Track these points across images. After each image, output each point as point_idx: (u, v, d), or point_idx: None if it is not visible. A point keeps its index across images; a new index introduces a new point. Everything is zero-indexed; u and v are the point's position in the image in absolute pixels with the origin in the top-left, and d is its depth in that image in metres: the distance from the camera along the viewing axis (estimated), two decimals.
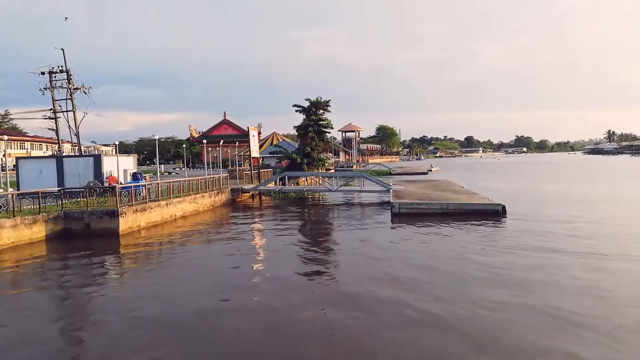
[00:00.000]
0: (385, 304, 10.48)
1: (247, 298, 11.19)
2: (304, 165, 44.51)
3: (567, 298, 10.56)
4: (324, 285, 12.45)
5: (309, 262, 15.20)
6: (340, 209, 29.86)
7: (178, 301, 11.07)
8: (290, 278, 13.05)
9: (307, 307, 10.55)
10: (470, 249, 15.80)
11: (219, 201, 31.07)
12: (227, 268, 14.52)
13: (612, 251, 15.04)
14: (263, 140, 71.41)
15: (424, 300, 10.64)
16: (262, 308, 10.48)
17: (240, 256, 16.19)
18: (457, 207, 24.29)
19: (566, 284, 11.63)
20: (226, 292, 11.81)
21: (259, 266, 14.97)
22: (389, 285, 11.87)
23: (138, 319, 10.00)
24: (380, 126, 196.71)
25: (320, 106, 47.59)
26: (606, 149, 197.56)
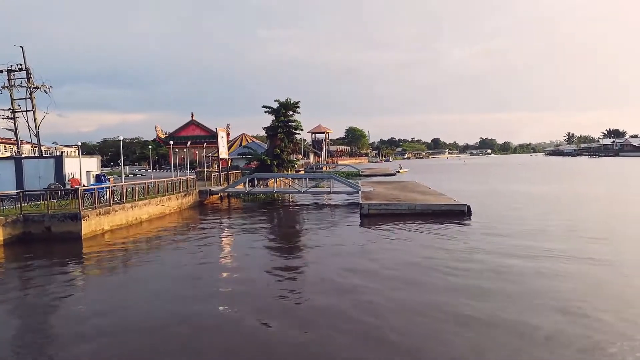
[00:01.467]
0: (347, 317, 10.47)
1: (213, 305, 10.79)
2: (273, 166, 44.36)
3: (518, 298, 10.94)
4: (291, 292, 12.11)
5: (277, 267, 15.00)
6: (310, 211, 29.91)
7: (142, 309, 10.76)
8: (258, 283, 12.73)
9: (274, 316, 10.28)
10: (436, 250, 16.15)
11: (186, 203, 30.59)
12: (194, 273, 14.14)
13: (567, 251, 15.52)
14: (232, 141, 70.66)
15: (385, 306, 10.76)
16: (228, 314, 10.28)
17: (208, 260, 15.99)
18: (424, 208, 24.75)
19: (518, 286, 12.03)
20: (192, 299, 11.39)
21: (226, 271, 14.82)
22: (355, 293, 11.67)
23: (98, 327, 9.66)
24: (349, 128, 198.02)
25: (290, 107, 47.56)
26: (566, 150, 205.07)
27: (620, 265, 13.40)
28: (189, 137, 56.14)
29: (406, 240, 18.28)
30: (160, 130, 65.33)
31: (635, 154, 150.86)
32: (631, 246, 16.41)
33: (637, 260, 14.26)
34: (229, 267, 15.24)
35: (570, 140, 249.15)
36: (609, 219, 22.77)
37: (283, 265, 15.08)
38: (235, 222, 25.43)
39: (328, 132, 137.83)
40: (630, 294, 10.96)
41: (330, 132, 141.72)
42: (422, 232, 19.78)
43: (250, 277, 13.42)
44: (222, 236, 21.42)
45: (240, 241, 19.62)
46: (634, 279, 12.25)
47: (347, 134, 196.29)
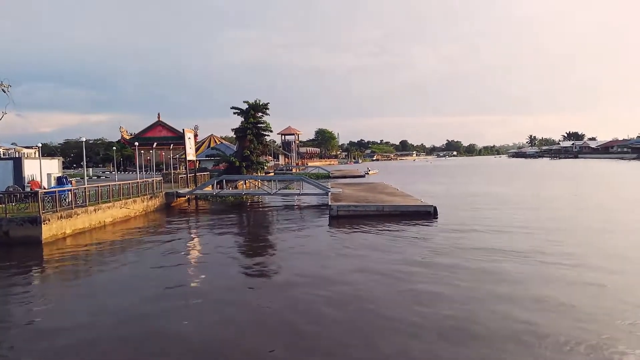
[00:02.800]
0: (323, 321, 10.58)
1: (179, 314, 10.40)
2: (242, 168, 43.95)
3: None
4: (259, 298, 11.83)
5: (245, 270, 14.94)
6: (279, 213, 29.85)
7: (104, 317, 10.35)
8: (225, 289, 12.38)
9: (242, 325, 10.14)
10: (403, 251, 16.45)
11: (152, 206, 29.98)
12: (160, 279, 13.70)
13: (526, 252, 16.03)
14: (200, 142, 69.66)
15: (347, 309, 10.90)
16: (195, 323, 9.95)
17: (175, 265, 15.67)
18: (392, 209, 25.11)
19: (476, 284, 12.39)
20: (158, 307, 11.00)
21: (193, 277, 14.52)
22: (325, 298, 11.69)
23: (60, 336, 9.35)
24: (319, 130, 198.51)
25: (259, 109, 47.23)
26: (528, 152, 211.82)
27: (582, 262, 13.97)
28: (155, 138, 55.05)
29: (375, 240, 18.49)
30: (125, 131, 63.75)
31: (593, 155, 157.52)
32: (591, 246, 17.09)
33: (598, 260, 14.85)
34: (196, 272, 14.99)
35: (532, 143, 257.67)
36: (571, 218, 23.69)
37: (251, 268, 15.04)
38: (203, 225, 25.11)
39: (298, 134, 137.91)
40: (585, 292, 11.43)
41: (300, 133, 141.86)
42: (389, 233, 20.07)
43: (219, 282, 13.22)
44: (190, 239, 21.11)
45: (209, 244, 19.39)
46: (593, 273, 12.78)
47: (316, 135, 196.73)
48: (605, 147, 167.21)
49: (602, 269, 13.35)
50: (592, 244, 17.29)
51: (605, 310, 9.86)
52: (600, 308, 10.04)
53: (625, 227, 20.80)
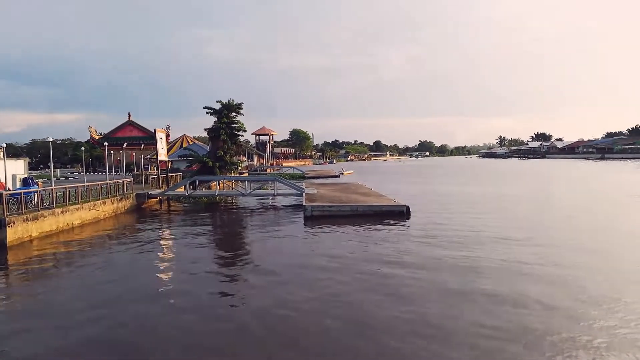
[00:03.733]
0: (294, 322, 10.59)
1: (149, 322, 10.10)
2: (216, 168, 43.47)
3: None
4: (232, 303, 11.69)
5: (217, 274, 14.72)
6: (254, 213, 29.68)
7: (72, 324, 10.07)
8: (194, 295, 12.02)
9: (212, 332, 9.85)
10: (376, 250, 16.63)
11: (123, 208, 29.35)
12: (128, 283, 13.40)
13: (493, 255, 16.24)
14: (172, 142, 68.64)
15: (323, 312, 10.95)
16: (166, 332, 9.69)
17: (144, 268, 15.39)
18: (366, 209, 25.30)
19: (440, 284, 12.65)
20: (127, 314, 10.75)
21: (162, 280, 14.25)
22: (298, 302, 11.71)
23: (27, 346, 9.09)
24: (294, 130, 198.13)
25: (232, 109, 46.82)
26: (498, 153, 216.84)
27: (550, 260, 14.40)
28: (125, 138, 53.96)
29: (347, 241, 18.59)
30: (94, 131, 62.29)
31: (560, 156, 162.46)
32: (558, 245, 17.64)
33: (566, 259, 15.33)
34: (166, 276, 14.70)
35: (501, 143, 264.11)
36: (538, 217, 24.38)
37: (223, 271, 14.92)
38: (175, 227, 24.74)
39: (272, 134, 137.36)
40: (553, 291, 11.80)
41: (274, 134, 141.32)
42: (363, 233, 20.25)
43: (188, 287, 12.92)
44: (161, 241, 20.75)
45: (180, 246, 19.08)
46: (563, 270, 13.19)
47: (291, 136, 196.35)
48: (572, 148, 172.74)
49: (569, 265, 13.81)
50: (555, 241, 17.83)
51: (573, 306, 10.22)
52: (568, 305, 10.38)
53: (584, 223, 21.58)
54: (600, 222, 22.70)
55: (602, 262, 14.30)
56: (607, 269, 13.42)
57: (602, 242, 17.61)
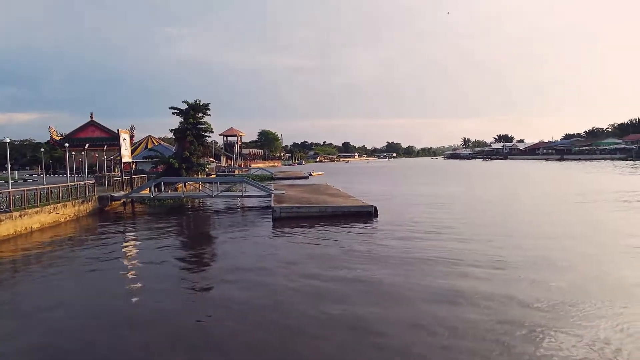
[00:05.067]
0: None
1: (114, 333, 9.65)
2: (182, 170, 42.77)
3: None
4: (192, 312, 11.22)
5: (183, 278, 14.40)
6: (221, 215, 29.36)
7: (28, 331, 9.77)
8: (158, 302, 11.62)
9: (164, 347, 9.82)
10: (343, 251, 16.77)
11: (84, 210, 28.47)
12: (88, 290, 12.93)
13: (462, 256, 16.61)
14: (137, 143, 66.98)
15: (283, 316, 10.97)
16: (123, 340, 9.49)
17: (106, 273, 14.89)
18: (334, 210, 25.44)
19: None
20: (91, 322, 10.44)
21: (125, 288, 13.71)
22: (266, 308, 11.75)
23: None
24: (262, 131, 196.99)
25: (199, 109, 46.22)
26: (462, 154, 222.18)
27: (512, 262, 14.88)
28: (87, 139, 52.38)
29: (315, 243, 18.66)
30: (54, 131, 60.13)
31: (521, 157, 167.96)
32: (518, 243, 18.23)
33: (525, 259, 15.85)
34: (129, 282, 14.28)
35: (466, 145, 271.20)
36: (501, 216, 25.14)
37: (188, 275, 14.71)
38: (139, 230, 24.19)
39: (240, 135, 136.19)
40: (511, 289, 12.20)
41: (242, 135, 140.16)
42: (331, 234, 20.37)
43: (152, 295, 12.56)
44: (124, 245, 20.24)
45: (144, 250, 18.63)
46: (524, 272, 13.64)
47: (260, 137, 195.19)
48: (532, 149, 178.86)
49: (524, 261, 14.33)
50: (514, 242, 18.45)
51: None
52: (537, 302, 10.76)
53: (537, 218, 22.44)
54: (562, 224, 23.60)
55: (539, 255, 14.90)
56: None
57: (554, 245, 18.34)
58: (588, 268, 13.74)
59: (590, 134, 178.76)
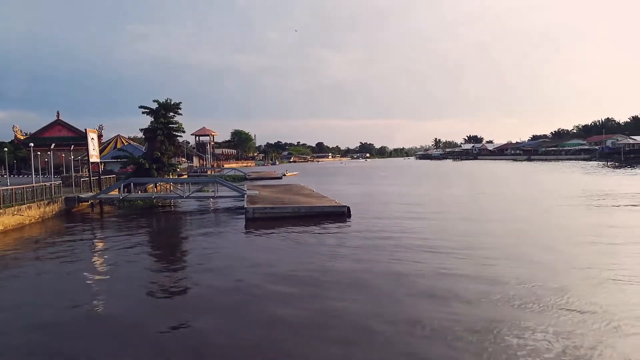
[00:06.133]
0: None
1: (72, 337, 9.45)
2: (152, 170, 41.88)
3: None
4: (162, 318, 10.79)
5: (152, 283, 13.94)
6: (193, 217, 28.96)
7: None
8: (126, 309, 11.19)
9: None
10: (316, 251, 16.86)
11: (51, 212, 27.59)
12: (54, 297, 12.44)
13: (430, 260, 17.06)
14: (105, 143, 65.39)
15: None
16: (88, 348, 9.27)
17: (72, 278, 14.41)
18: (307, 210, 25.44)
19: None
20: (47, 330, 10.15)
21: (92, 293, 13.30)
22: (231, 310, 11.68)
23: None
24: (235, 131, 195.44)
25: (170, 109, 45.34)
26: (434, 154, 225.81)
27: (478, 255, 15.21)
28: (53, 138, 50.75)
29: (288, 243, 18.68)
30: (19, 130, 58.08)
31: (490, 157, 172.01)
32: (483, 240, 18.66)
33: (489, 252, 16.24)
34: (96, 287, 13.78)
35: (437, 145, 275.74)
36: (470, 215, 25.68)
37: (158, 279, 14.39)
38: (108, 232, 23.62)
39: (213, 135, 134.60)
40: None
41: (215, 134, 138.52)
42: (304, 234, 20.42)
43: (119, 301, 12.21)
44: (92, 248, 19.71)
45: (113, 254, 18.17)
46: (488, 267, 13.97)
47: (233, 137, 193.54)
48: (501, 150, 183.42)
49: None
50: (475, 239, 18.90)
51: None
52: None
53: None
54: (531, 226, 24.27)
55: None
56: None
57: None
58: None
59: (556, 135, 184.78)
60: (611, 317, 9.36)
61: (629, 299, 10.62)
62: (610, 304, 10.20)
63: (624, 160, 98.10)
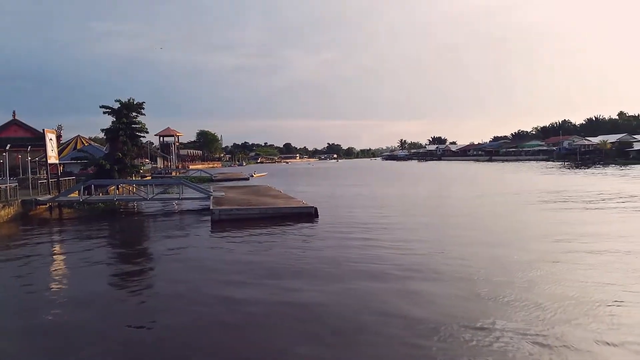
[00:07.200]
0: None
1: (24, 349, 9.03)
2: (114, 172, 40.76)
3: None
4: (124, 325, 10.84)
5: (113, 289, 13.51)
6: (157, 219, 28.33)
7: None
8: (86, 317, 10.88)
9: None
10: (281, 252, 16.79)
11: (6, 216, 26.38)
12: (8, 304, 12.02)
13: (391, 264, 17.23)
14: (64, 144, 63.11)
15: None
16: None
17: (28, 284, 13.86)
18: (274, 211, 25.33)
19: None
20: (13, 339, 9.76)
21: (49, 301, 12.88)
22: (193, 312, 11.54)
23: None
24: (201, 131, 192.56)
25: (133, 108, 44.32)
26: (399, 155, 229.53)
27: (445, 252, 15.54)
28: (9, 139, 48.53)
29: (254, 245, 18.53)
30: None
31: (454, 158, 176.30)
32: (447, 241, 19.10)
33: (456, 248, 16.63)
34: (54, 294, 13.26)
35: (402, 146, 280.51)
36: (436, 214, 26.23)
37: (121, 284, 13.95)
38: (67, 236, 22.81)
39: (178, 136, 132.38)
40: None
41: (180, 135, 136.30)
42: (271, 235, 20.31)
43: (79, 310, 11.77)
44: (50, 253, 18.96)
45: (72, 258, 17.50)
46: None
47: (198, 137, 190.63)
48: (464, 150, 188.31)
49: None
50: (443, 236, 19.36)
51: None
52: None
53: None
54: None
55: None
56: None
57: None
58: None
59: (516, 136, 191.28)
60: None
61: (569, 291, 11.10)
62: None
63: (580, 160, 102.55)
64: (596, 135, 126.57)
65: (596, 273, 12.69)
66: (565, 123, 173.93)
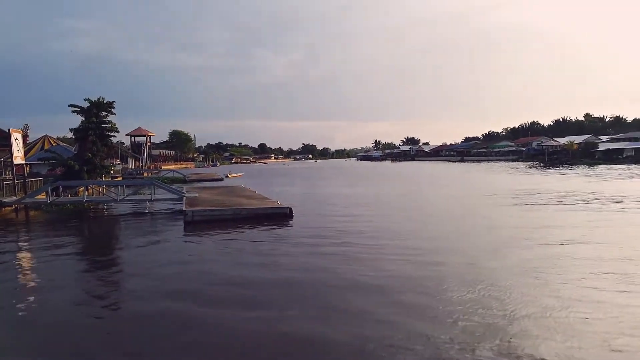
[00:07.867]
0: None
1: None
2: (83, 172, 39.74)
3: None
4: (94, 331, 10.91)
5: (83, 293, 13.03)
6: (128, 221, 27.74)
7: None
8: (54, 324, 10.95)
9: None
10: (257, 252, 16.71)
11: None
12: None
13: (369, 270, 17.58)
14: (31, 144, 61.23)
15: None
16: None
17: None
18: (249, 212, 25.17)
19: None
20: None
21: (16, 306, 12.72)
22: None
23: None
24: (173, 131, 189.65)
25: (103, 107, 43.31)
26: (374, 155, 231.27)
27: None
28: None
29: (227, 246, 18.40)
30: None
31: (427, 158, 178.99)
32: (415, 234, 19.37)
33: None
34: (21, 299, 13.01)
35: (377, 147, 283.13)
36: (412, 212, 26.56)
37: (90, 289, 13.60)
38: (34, 239, 22.09)
39: (150, 135, 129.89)
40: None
41: (152, 135, 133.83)
42: (245, 236, 20.20)
43: (47, 317, 11.61)
44: (15, 257, 18.32)
45: (39, 262, 16.97)
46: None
47: (171, 137, 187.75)
48: (436, 151, 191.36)
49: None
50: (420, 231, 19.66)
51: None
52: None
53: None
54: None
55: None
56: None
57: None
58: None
59: (487, 137, 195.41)
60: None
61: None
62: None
63: (548, 160, 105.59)
64: (564, 136, 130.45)
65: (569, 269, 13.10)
66: (534, 124, 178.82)
